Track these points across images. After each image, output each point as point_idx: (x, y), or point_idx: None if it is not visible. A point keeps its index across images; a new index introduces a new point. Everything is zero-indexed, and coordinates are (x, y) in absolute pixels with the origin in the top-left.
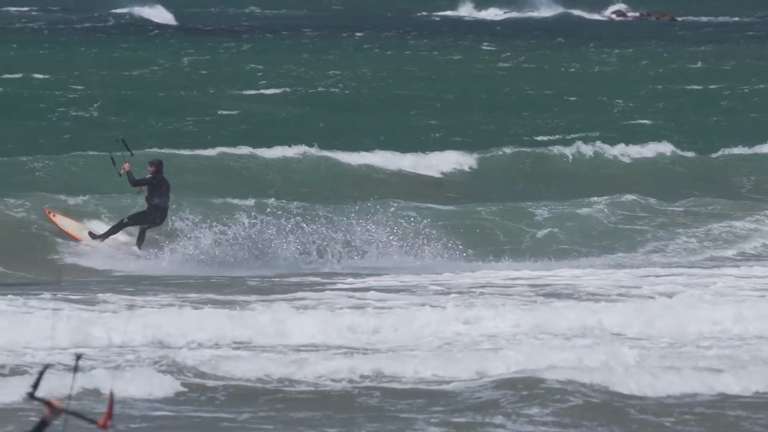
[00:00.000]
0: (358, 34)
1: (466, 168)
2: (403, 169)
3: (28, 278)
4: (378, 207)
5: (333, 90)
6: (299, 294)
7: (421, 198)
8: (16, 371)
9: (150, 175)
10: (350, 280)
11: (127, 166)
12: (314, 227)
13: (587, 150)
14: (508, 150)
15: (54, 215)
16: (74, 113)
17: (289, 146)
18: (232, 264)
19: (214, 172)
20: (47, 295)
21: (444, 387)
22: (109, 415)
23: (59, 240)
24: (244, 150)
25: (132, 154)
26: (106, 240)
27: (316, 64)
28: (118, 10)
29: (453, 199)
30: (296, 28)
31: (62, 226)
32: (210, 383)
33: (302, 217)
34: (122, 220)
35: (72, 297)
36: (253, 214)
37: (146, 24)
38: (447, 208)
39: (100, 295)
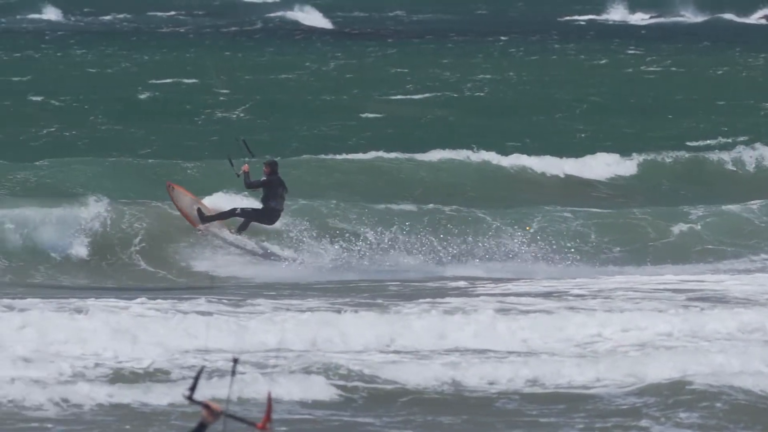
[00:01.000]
0: (503, 38)
1: (622, 172)
2: (557, 172)
3: (174, 281)
4: (530, 210)
5: (478, 94)
6: (447, 299)
7: (574, 201)
8: (163, 374)
9: (264, 177)
10: (491, 285)
11: (246, 167)
12: (458, 229)
13: (747, 154)
14: (665, 153)
15: (173, 189)
16: (221, 115)
17: (443, 149)
18: (367, 269)
19: (368, 175)
20: (200, 300)
21: (584, 391)
22: (268, 417)
23: (201, 243)
24: (400, 154)
25: (253, 156)
26: (211, 224)
27: (461, 68)
28: (270, 14)
29: (607, 203)
30: (441, 33)
31: (177, 202)
32: (356, 385)
33: (451, 220)
34: (234, 209)
35: (224, 300)
36: (379, 229)
37: (292, 28)
38: (601, 211)
39: (249, 300)
